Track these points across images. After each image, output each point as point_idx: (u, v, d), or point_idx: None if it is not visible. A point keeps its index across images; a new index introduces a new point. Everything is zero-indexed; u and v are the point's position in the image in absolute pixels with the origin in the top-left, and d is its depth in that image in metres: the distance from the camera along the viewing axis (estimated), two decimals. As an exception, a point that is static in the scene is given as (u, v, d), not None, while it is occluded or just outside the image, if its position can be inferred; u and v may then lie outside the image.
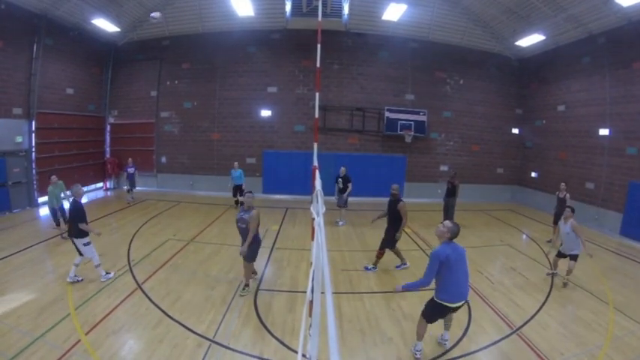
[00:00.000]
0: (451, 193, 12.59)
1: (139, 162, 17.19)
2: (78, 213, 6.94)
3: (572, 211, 7.75)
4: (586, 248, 7.53)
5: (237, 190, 13.98)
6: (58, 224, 10.47)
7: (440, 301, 4.88)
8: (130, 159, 15.11)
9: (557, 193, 11.08)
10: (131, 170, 14.73)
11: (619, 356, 5.31)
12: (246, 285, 7.11)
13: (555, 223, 10.87)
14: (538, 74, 16.59)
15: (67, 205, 9.90)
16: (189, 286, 7.27)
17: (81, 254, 7.10)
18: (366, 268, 8.52)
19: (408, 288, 5.22)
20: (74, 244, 7.07)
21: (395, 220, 8.09)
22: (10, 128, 12.51)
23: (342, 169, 12.47)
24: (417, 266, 8.90)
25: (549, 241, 10.96)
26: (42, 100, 13.61)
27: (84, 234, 6.99)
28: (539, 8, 13.34)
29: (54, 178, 10.40)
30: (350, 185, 12.10)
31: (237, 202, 13.87)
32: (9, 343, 5.04)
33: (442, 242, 4.91)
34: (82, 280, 7.13)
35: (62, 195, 10.57)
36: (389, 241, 8.27)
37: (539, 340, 5.67)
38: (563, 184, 11.16)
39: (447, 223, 4.97)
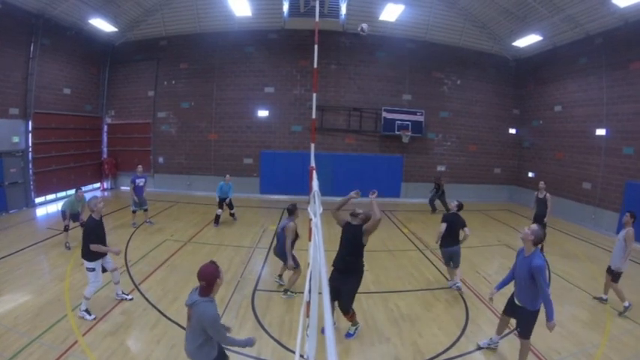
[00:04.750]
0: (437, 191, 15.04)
1: (136, 162, 17.10)
2: (91, 231, 5.89)
3: (633, 217, 6.77)
4: (625, 263, 6.72)
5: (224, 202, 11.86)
6: (66, 229, 9.15)
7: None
8: (139, 167, 11.75)
9: (537, 193, 10.23)
10: (141, 182, 11.38)
11: (616, 355, 5.33)
12: (288, 290, 7.00)
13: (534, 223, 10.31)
14: (535, 75, 16.63)
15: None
16: (186, 286, 7.23)
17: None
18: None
19: (551, 311, 4.54)
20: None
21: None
22: (6, 128, 12.44)
23: None
24: (414, 266, 8.92)
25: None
26: (39, 100, 13.55)
27: (92, 257, 5.88)
28: (536, 9, 13.39)
29: (82, 194, 9.38)
30: None
31: (217, 217, 11.86)
32: (6, 344, 5.01)
33: (534, 248, 4.62)
34: (131, 298, 6.54)
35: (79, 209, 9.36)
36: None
37: (537, 340, 5.66)
38: (542, 182, 10.45)
39: (533, 226, 4.72)
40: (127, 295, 6.62)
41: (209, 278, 3.44)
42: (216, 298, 6.57)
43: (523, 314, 4.78)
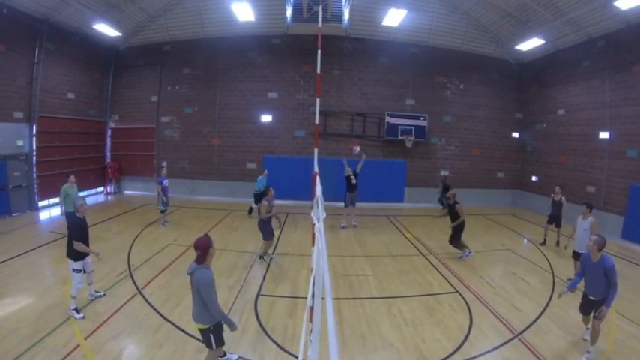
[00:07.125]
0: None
1: (139, 167, 17.22)
2: (75, 229, 6.04)
3: (589, 207, 8.41)
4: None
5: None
6: None
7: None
8: (164, 168, 12.91)
9: (553, 195, 11.14)
10: (167, 183, 12.10)
11: (621, 361, 5.28)
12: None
13: (549, 223, 11.09)
14: (538, 78, 16.61)
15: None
16: (189, 291, 7.16)
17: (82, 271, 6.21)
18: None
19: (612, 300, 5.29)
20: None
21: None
22: (11, 132, 12.53)
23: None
24: (418, 271, 8.88)
25: (543, 243, 11.22)
26: (43, 105, 13.65)
27: (77, 256, 6.04)
28: (538, 12, 13.39)
29: (72, 178, 9.50)
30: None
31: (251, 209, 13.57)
32: (8, 347, 5.02)
33: (600, 254, 5.29)
34: (103, 294, 6.76)
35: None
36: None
37: (541, 345, 5.64)
38: (558, 187, 11.18)
39: (593, 237, 5.42)
40: (100, 292, 6.82)
41: (203, 247, 4.14)
42: (219, 302, 6.65)
43: (601, 304, 5.34)
